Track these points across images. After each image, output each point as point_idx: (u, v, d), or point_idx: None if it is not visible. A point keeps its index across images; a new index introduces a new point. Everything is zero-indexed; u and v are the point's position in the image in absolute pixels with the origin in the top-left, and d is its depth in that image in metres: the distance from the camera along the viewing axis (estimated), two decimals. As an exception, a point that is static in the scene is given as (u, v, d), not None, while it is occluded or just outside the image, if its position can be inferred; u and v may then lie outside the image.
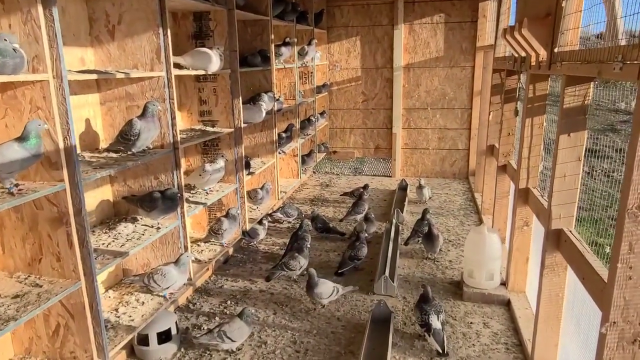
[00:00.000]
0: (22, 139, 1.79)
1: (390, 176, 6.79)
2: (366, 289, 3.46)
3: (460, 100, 6.35)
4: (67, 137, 1.97)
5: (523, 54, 3.00)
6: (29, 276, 2.11)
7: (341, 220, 4.80)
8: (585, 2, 2.20)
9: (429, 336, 2.67)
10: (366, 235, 4.00)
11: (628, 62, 1.48)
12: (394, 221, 4.39)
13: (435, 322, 2.69)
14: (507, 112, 3.81)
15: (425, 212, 4.19)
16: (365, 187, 5.22)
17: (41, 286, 2.03)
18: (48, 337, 2.20)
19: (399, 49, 6.31)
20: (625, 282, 1.47)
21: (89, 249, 2.10)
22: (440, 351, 2.62)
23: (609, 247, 2.52)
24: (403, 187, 5.82)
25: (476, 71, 6.12)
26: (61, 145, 1.94)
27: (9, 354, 2.25)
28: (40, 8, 1.81)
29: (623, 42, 1.65)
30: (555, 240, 2.25)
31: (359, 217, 4.69)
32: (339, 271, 3.68)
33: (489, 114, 4.67)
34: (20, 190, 1.85)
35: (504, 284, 3.26)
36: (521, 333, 2.76)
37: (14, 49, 1.71)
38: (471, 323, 2.99)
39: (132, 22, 2.62)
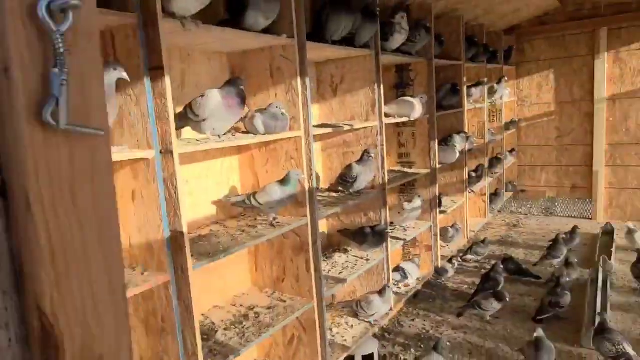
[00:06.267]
0: (282, 182, 2.28)
1: (590, 219, 6.16)
2: (571, 340, 3.24)
3: (682, 134, 5.50)
4: (310, 181, 2.42)
5: None
6: (274, 292, 2.60)
7: (535, 265, 4.54)
8: None
9: None
10: (567, 280, 3.75)
11: None
12: (600, 269, 4.00)
13: (631, 350, 2.65)
14: None
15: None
16: (574, 230, 4.87)
17: (285, 302, 2.48)
18: (284, 345, 2.64)
19: (601, 80, 5.81)
20: None
21: (320, 273, 2.50)
22: None
23: None
24: (608, 232, 5.23)
25: None
26: (306, 187, 2.39)
27: (253, 356, 2.77)
28: (298, 79, 2.31)
29: None
30: None
31: (556, 261, 4.40)
32: (538, 318, 3.51)
33: None
34: (278, 223, 2.33)
35: None
36: None
37: (282, 114, 2.21)
38: None
39: (352, 80, 3.07)
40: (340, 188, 2.99)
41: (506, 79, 5.58)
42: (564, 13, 6.01)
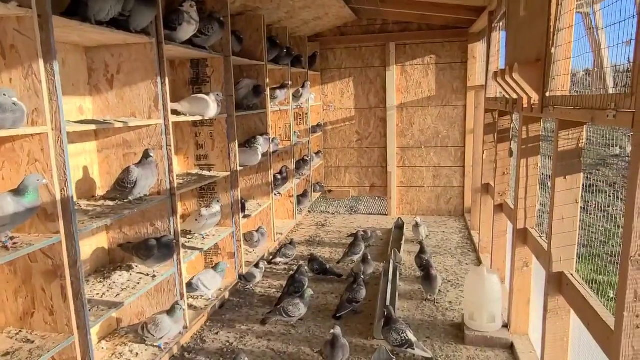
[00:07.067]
0: (18, 192, 1.77)
1: (386, 214, 6.78)
2: (366, 333, 3.38)
3: (453, 139, 6.43)
4: (65, 188, 1.96)
5: (515, 96, 3.06)
6: (20, 331, 2.05)
7: (339, 262, 4.73)
8: (574, 49, 2.28)
9: (414, 349, 2.91)
10: (363, 276, 3.95)
11: (621, 110, 1.51)
12: (392, 261, 4.34)
13: (412, 336, 2.96)
14: (501, 152, 3.86)
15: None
16: (372, 228, 5.20)
17: (33, 342, 1.96)
18: (38, 395, 2.11)
19: (391, 89, 6.44)
20: (632, 330, 1.45)
21: (83, 301, 2.05)
22: (430, 355, 2.94)
23: (612, 292, 2.50)
24: (399, 226, 5.80)
25: (468, 110, 6.23)
26: (58, 197, 1.92)
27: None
28: (41, 62, 1.83)
29: (612, 90, 1.69)
30: (557, 283, 2.23)
31: (356, 257, 4.64)
32: (337, 315, 3.60)
33: (483, 153, 4.73)
34: (15, 244, 1.81)
35: (506, 326, 3.20)
36: (527, 379, 2.69)
37: (13, 104, 1.72)
38: (475, 369, 2.92)
39: (131, 71, 2.66)
40: (117, 195, 2.56)
41: (310, 83, 5.75)
42: (359, 26, 6.50)
